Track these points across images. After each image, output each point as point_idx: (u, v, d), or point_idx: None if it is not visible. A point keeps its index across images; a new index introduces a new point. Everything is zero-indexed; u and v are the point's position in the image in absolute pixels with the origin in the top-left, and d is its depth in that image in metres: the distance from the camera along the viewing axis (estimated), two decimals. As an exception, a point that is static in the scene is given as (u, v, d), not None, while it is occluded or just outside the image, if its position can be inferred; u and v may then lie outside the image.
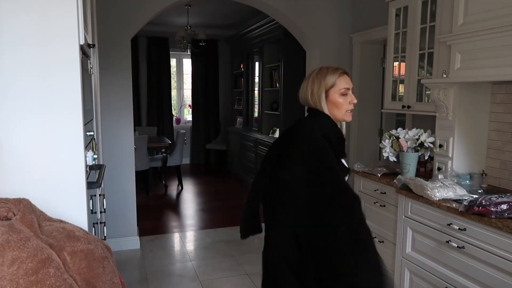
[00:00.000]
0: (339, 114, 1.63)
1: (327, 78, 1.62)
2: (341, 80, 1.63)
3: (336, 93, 1.61)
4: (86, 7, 1.82)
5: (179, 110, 8.36)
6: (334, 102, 1.62)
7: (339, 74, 1.64)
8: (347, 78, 1.67)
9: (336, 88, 1.61)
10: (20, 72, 1.37)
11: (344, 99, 1.63)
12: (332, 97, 1.62)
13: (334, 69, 1.64)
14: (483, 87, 2.66)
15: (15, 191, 1.38)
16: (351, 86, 1.67)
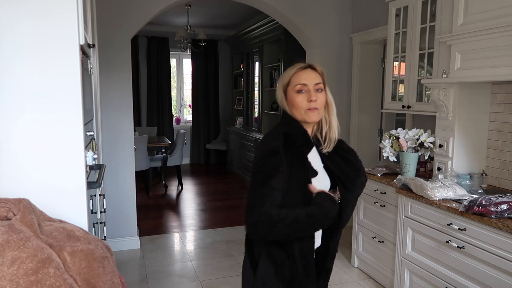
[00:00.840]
0: (298, 114, 1.44)
1: (284, 76, 1.48)
2: (297, 76, 1.45)
3: (292, 91, 1.44)
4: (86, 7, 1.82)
5: (179, 110, 8.36)
6: (291, 101, 1.45)
7: (296, 70, 1.46)
8: (308, 73, 1.46)
9: (291, 86, 1.45)
10: (20, 72, 1.37)
11: (301, 97, 1.43)
12: (289, 96, 1.46)
13: (295, 65, 1.48)
14: (483, 87, 2.66)
15: (15, 191, 1.38)
16: (312, 81, 1.44)
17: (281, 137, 1.38)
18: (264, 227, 1.26)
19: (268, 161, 1.33)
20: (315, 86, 1.44)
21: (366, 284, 3.11)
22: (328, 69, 4.26)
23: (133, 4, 3.62)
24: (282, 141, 1.37)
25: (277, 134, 1.41)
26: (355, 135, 4.30)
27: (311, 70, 1.47)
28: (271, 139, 1.40)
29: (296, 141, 1.40)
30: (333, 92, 1.63)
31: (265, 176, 1.31)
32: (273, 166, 1.32)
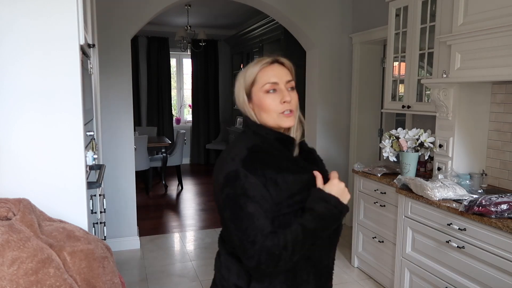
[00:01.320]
0: (270, 120, 1.18)
1: (246, 74, 1.20)
2: (264, 73, 1.18)
3: (259, 92, 1.18)
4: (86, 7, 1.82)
5: (179, 110, 8.36)
6: (259, 104, 1.18)
7: (262, 66, 1.18)
8: (277, 68, 1.20)
9: (258, 85, 1.17)
10: (20, 72, 1.37)
11: (271, 97, 1.17)
12: (255, 98, 1.18)
13: (258, 60, 1.21)
14: (483, 87, 2.66)
15: (15, 191, 1.38)
16: (283, 79, 1.19)
17: (242, 153, 1.13)
18: (268, 265, 1.05)
19: (230, 189, 1.09)
20: (286, 84, 1.19)
21: (366, 284, 3.11)
22: (328, 69, 4.26)
23: (133, 4, 3.62)
24: (243, 157, 1.12)
25: (236, 151, 1.15)
26: (355, 135, 4.30)
27: (279, 65, 1.21)
28: (229, 159, 1.14)
29: (270, 150, 1.17)
30: (333, 92, 1.56)
31: (234, 210, 1.08)
32: (239, 193, 1.08)
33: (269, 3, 3.98)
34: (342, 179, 1.20)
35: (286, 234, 1.06)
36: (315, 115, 4.31)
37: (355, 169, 3.27)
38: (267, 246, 1.04)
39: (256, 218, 1.06)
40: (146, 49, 7.59)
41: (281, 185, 1.11)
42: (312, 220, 1.09)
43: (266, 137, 1.19)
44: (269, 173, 1.10)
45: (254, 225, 1.05)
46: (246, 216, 1.06)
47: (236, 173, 1.09)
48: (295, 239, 1.06)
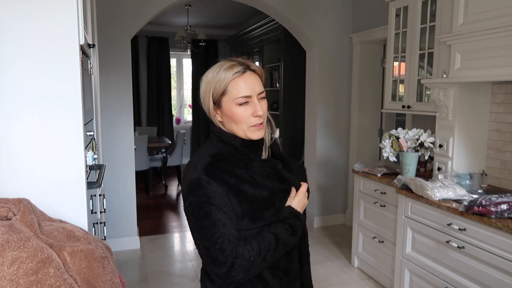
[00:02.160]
0: (239, 131, 1.14)
1: (216, 82, 1.12)
2: (236, 83, 1.11)
3: (230, 103, 1.12)
4: (86, 7, 1.82)
5: (179, 110, 8.36)
6: (229, 115, 1.13)
7: (234, 75, 1.11)
8: (250, 78, 1.13)
9: (230, 96, 1.12)
10: (20, 72, 1.37)
11: (243, 110, 1.12)
12: (225, 108, 1.13)
13: (229, 67, 1.12)
14: (483, 87, 2.66)
15: (15, 191, 1.38)
16: (256, 90, 1.13)
17: (204, 160, 1.12)
18: (239, 272, 1.04)
19: (193, 198, 1.09)
20: (258, 95, 1.14)
21: (366, 284, 3.11)
22: (328, 69, 4.26)
23: (133, 4, 3.62)
24: (205, 165, 1.11)
25: (199, 159, 1.14)
26: (355, 135, 4.30)
27: (251, 74, 1.14)
28: (191, 168, 1.14)
29: (236, 155, 1.15)
30: (333, 92, 1.54)
31: (197, 217, 1.07)
32: (202, 201, 1.07)
33: (269, 3, 3.98)
34: (342, 179, 1.23)
35: (259, 241, 1.06)
36: (315, 115, 4.31)
37: (355, 169, 3.27)
38: (239, 252, 1.04)
39: (221, 224, 1.04)
40: (146, 49, 7.59)
41: (242, 196, 1.09)
42: (284, 231, 1.10)
43: (231, 144, 1.16)
44: (231, 182, 1.09)
45: (220, 232, 1.04)
46: (211, 223, 1.04)
47: (198, 181, 1.08)
48: (268, 247, 1.07)
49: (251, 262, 1.04)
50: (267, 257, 1.07)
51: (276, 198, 1.15)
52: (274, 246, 1.08)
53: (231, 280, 1.05)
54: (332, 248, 3.83)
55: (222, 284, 1.07)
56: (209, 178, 1.08)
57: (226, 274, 1.04)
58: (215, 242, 1.03)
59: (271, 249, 1.07)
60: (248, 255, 1.04)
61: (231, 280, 1.05)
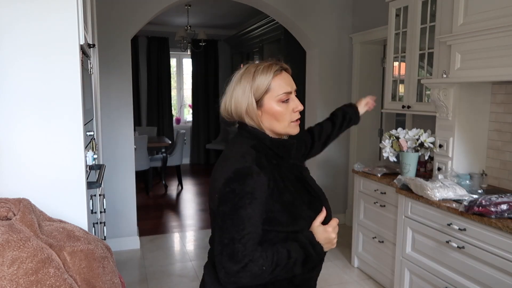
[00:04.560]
0: (280, 128, 1.17)
1: (257, 81, 1.15)
2: (278, 81, 1.17)
3: (272, 100, 1.15)
4: (86, 7, 1.82)
5: (179, 110, 8.36)
6: (271, 113, 1.16)
7: (274, 73, 1.17)
8: (287, 76, 1.21)
9: (273, 94, 1.15)
10: (20, 72, 1.37)
11: (285, 107, 1.17)
12: (267, 106, 1.16)
13: (267, 66, 1.18)
14: (483, 87, 2.66)
15: (15, 191, 1.38)
16: (293, 87, 1.20)
17: (251, 152, 1.12)
18: (248, 276, 1.02)
19: (239, 185, 1.05)
20: (294, 92, 1.22)
21: (366, 284, 3.11)
22: (328, 69, 4.26)
23: (133, 4, 3.62)
24: (254, 156, 1.10)
25: (242, 149, 1.13)
26: (355, 135, 4.30)
27: (285, 72, 1.23)
28: (239, 156, 1.11)
29: (268, 152, 1.16)
30: (333, 92, 1.56)
31: (236, 206, 1.03)
32: (247, 191, 1.04)
33: (269, 3, 3.98)
34: (342, 179, 1.24)
35: (274, 253, 1.05)
36: (315, 115, 4.31)
37: (355, 169, 3.27)
38: (256, 257, 1.02)
39: (254, 221, 1.04)
40: (146, 49, 7.59)
41: (277, 195, 1.11)
42: (298, 251, 1.08)
43: (263, 141, 1.17)
44: (276, 177, 1.12)
45: (251, 228, 1.03)
46: (247, 216, 1.03)
47: (249, 170, 1.06)
48: (280, 263, 1.05)
49: (262, 270, 1.02)
50: (275, 272, 1.05)
51: (297, 206, 1.14)
52: (284, 264, 1.06)
53: (236, 280, 1.02)
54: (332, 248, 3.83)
55: (226, 281, 1.04)
56: (259, 170, 1.07)
57: (236, 273, 1.01)
58: (243, 236, 1.01)
59: (281, 265, 1.05)
60: (262, 262, 1.02)
61: (236, 280, 1.02)
